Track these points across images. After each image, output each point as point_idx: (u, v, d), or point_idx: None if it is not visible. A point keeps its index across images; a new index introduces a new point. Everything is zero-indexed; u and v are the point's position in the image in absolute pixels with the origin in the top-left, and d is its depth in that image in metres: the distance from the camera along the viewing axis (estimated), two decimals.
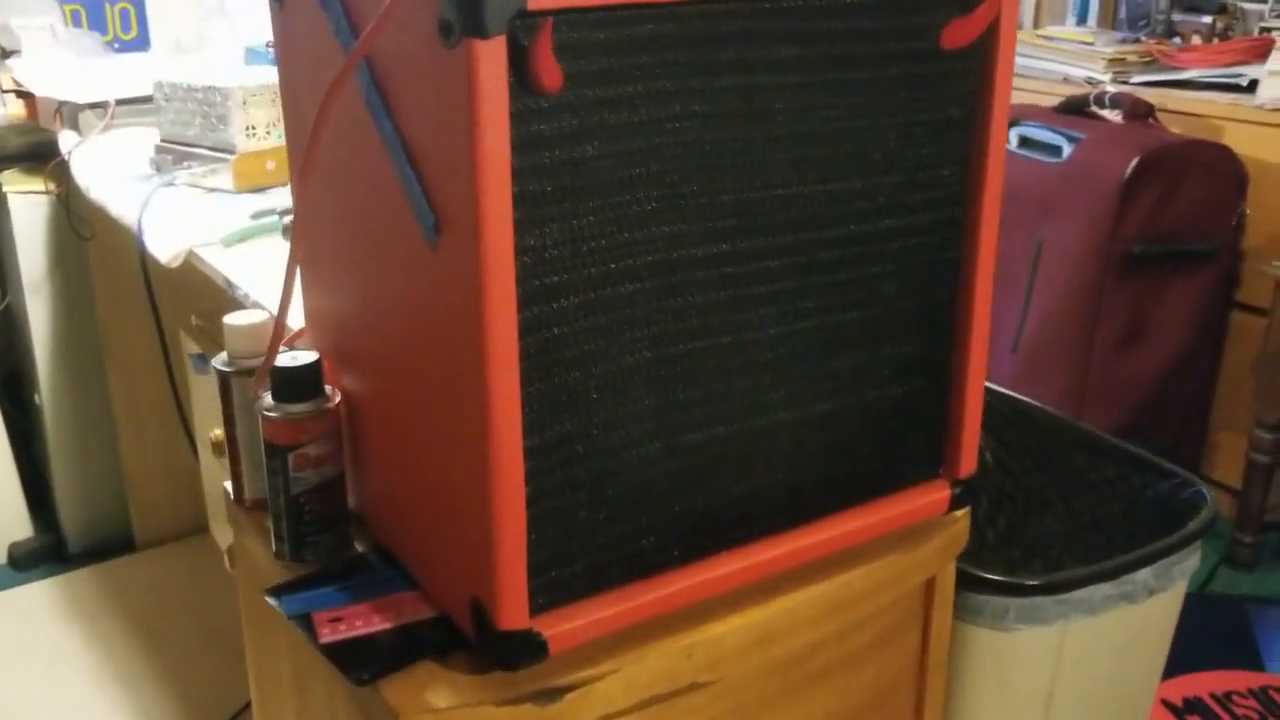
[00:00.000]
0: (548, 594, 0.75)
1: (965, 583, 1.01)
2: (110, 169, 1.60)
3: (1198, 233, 2.03)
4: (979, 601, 1.02)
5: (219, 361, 0.94)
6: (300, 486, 0.86)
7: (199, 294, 1.47)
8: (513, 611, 0.73)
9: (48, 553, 2.17)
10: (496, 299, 0.66)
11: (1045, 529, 1.32)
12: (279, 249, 1.26)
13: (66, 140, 1.77)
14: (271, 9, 0.86)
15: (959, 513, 0.95)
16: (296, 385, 0.85)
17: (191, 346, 1.42)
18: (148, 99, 1.80)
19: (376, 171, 0.75)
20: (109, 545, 2.19)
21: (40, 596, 2.07)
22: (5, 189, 1.94)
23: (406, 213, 0.72)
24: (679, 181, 0.72)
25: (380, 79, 0.72)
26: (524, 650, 0.73)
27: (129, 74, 1.95)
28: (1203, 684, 1.81)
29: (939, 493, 0.91)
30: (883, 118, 0.79)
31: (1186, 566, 1.10)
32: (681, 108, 0.70)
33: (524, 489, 0.70)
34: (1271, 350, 2.01)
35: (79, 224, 1.89)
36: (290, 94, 0.87)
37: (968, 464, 0.92)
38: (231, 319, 0.93)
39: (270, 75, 1.55)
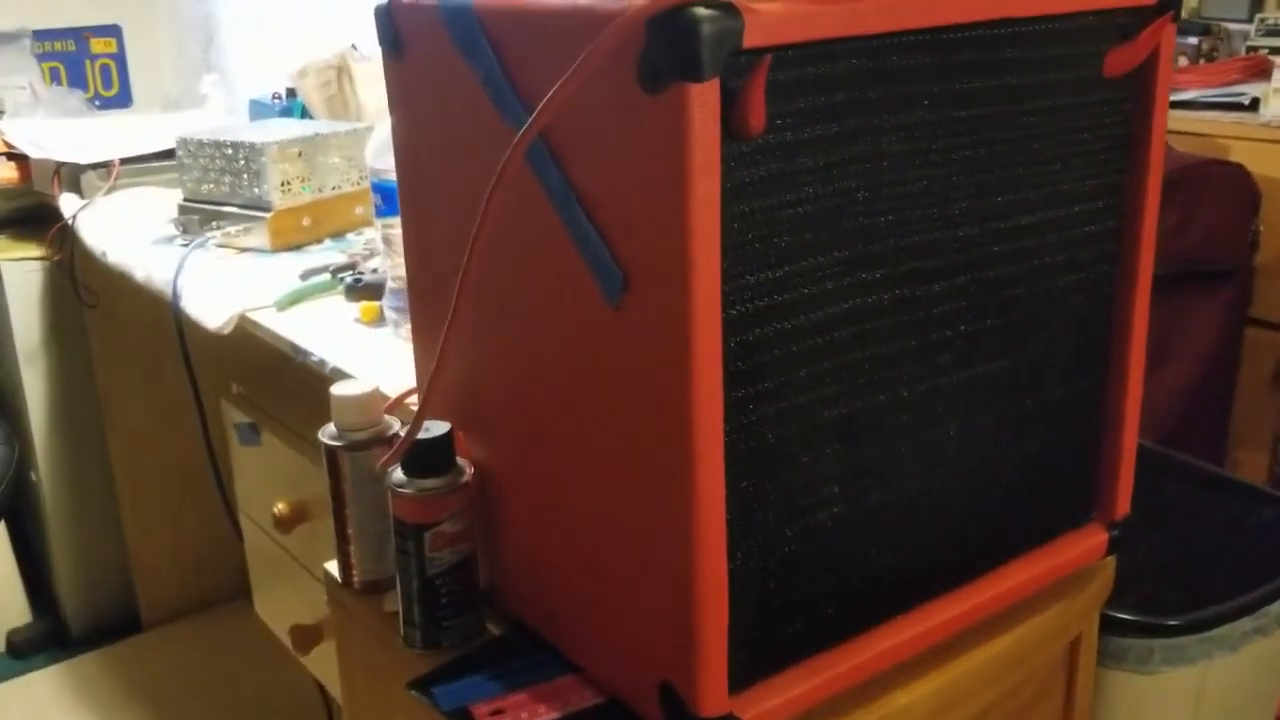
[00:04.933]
0: (741, 673, 0.69)
1: (1104, 626, 0.97)
2: (126, 232, 1.52)
3: (1216, 252, 2.03)
4: (1122, 645, 0.98)
5: (326, 435, 0.87)
6: (436, 567, 0.80)
7: (237, 360, 1.40)
8: (713, 695, 0.67)
9: (49, 638, 2.06)
10: (703, 357, 0.61)
11: (1137, 562, 1.29)
12: (338, 310, 1.20)
13: (68, 204, 1.69)
14: (386, 62, 0.80)
15: (1111, 558, 0.91)
16: (432, 459, 0.79)
17: (235, 415, 1.35)
18: (150, 157, 1.73)
19: (531, 229, 0.70)
20: (114, 627, 2.08)
21: (44, 686, 1.96)
22: None
23: (576, 271, 0.67)
24: (869, 226, 0.67)
25: (544, 130, 0.67)
26: None
27: (124, 132, 1.87)
28: None
29: (1096, 537, 0.87)
30: (1049, 149, 0.75)
31: None
32: (872, 147, 0.66)
33: (725, 561, 0.65)
34: None
35: (84, 291, 1.80)
36: (410, 149, 0.81)
37: (1123, 505, 0.88)
38: (339, 390, 0.87)
39: (295, 129, 1.48)
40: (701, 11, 0.56)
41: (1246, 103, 2.18)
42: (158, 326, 1.93)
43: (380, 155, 1.07)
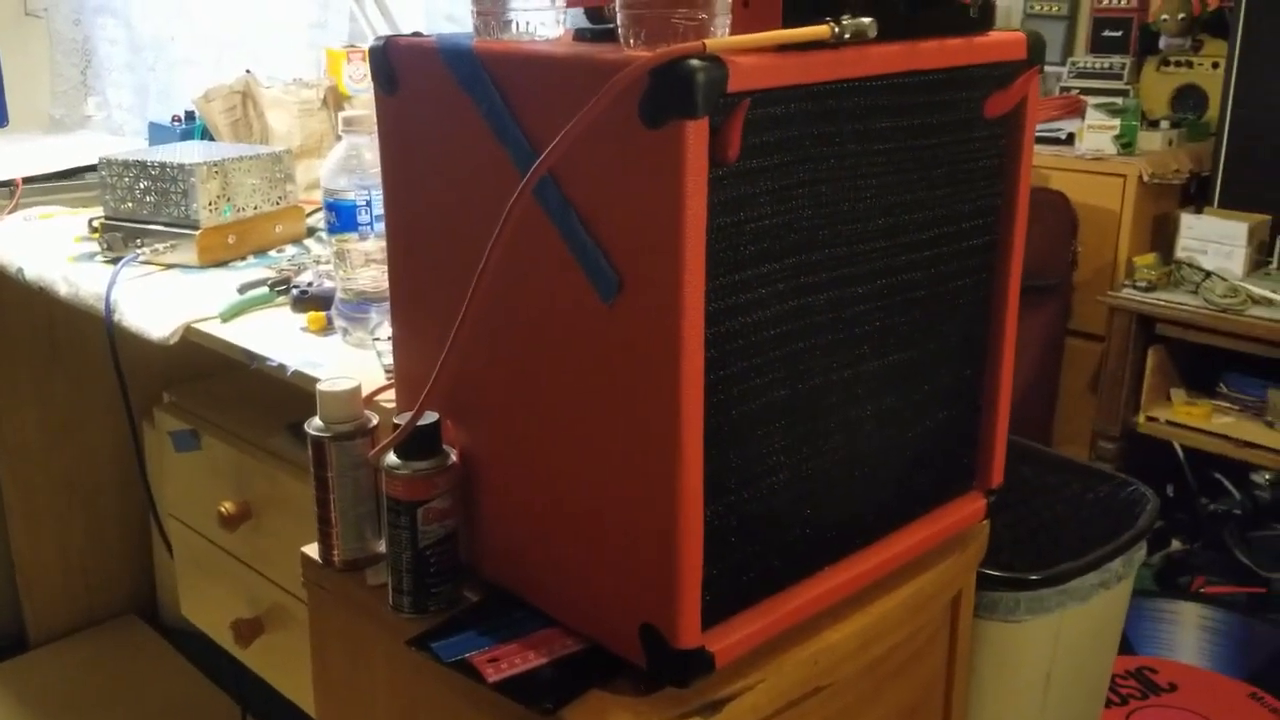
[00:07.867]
0: (709, 614, 0.82)
1: (979, 583, 1.14)
2: (40, 250, 1.55)
3: (1042, 269, 2.28)
4: (993, 598, 1.15)
5: (313, 428, 0.97)
6: (428, 539, 0.90)
7: (157, 373, 1.45)
8: (689, 631, 0.80)
9: None
10: (690, 345, 0.74)
11: (997, 534, 1.47)
12: (281, 320, 1.28)
13: None
14: (378, 96, 0.91)
15: (986, 521, 1.08)
16: (424, 443, 0.90)
17: (170, 423, 1.40)
18: (51, 176, 1.76)
19: (526, 242, 0.82)
20: (0, 645, 2.07)
21: None
22: None
23: (570, 277, 0.79)
24: (810, 239, 0.82)
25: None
26: (697, 667, 0.81)
27: (17, 151, 1.89)
28: None
29: (977, 503, 1.04)
30: (943, 177, 0.91)
31: (1141, 554, 1.27)
32: (813, 174, 0.81)
33: (702, 518, 0.78)
34: (1110, 370, 2.28)
35: None
36: (400, 173, 0.91)
37: (997, 475, 1.05)
38: (326, 387, 0.96)
39: (213, 151, 1.55)
40: (696, 63, 0.70)
41: (1064, 137, 2.45)
42: (54, 344, 1.95)
43: (334, 176, 1.16)
